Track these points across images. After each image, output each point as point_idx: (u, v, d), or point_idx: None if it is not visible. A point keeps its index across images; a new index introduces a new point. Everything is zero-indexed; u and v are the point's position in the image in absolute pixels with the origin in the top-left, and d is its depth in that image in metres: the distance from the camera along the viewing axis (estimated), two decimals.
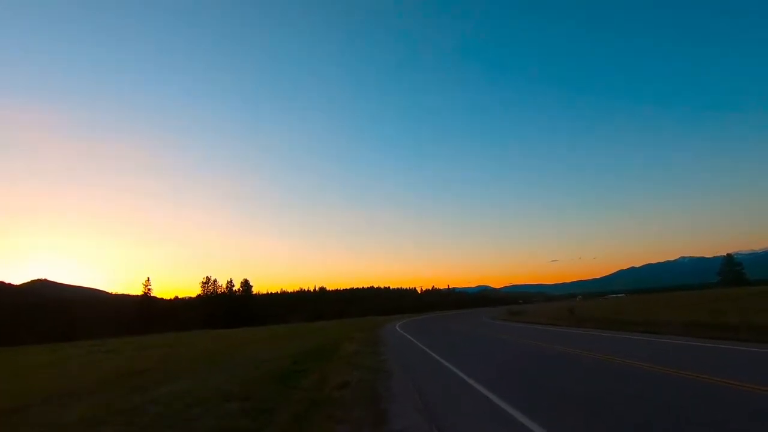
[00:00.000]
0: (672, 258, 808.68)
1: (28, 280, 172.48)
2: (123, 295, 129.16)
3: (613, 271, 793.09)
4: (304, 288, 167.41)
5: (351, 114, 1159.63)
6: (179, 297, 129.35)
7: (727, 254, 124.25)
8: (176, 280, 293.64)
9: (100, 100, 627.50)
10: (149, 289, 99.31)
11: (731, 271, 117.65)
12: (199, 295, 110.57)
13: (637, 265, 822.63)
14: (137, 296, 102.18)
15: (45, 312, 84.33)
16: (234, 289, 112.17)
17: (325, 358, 14.00)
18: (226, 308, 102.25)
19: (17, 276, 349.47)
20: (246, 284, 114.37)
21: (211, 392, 8.61)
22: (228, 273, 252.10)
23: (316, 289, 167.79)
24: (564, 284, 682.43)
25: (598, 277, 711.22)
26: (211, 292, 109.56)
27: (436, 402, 6.92)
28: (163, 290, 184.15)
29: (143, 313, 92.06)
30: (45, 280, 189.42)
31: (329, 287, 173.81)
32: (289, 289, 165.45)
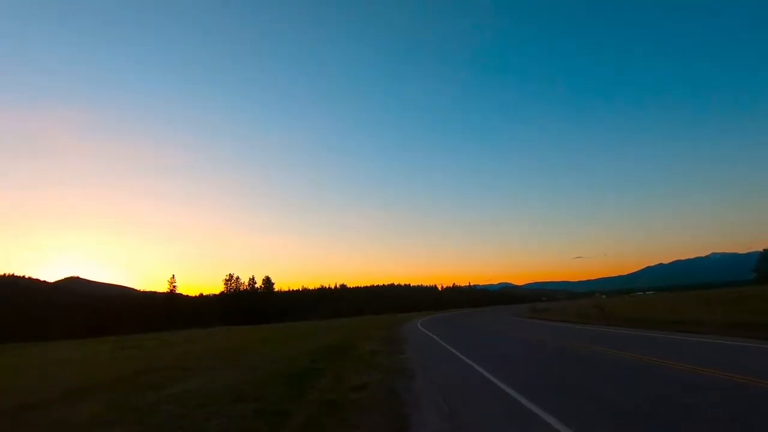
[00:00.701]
0: (702, 254, 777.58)
1: (61, 278, 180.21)
2: (150, 292, 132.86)
3: (640, 268, 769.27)
4: (324, 285, 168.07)
5: (371, 112, 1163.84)
6: (203, 294, 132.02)
7: (764, 249, 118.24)
8: (201, 278, 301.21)
9: (127, 101, 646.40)
10: (174, 287, 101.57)
11: None
12: (222, 292, 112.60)
13: (665, 262, 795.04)
14: (163, 293, 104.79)
15: (76, 309, 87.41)
16: (256, 286, 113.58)
17: (343, 357, 13.62)
18: (248, 305, 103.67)
19: (51, 273, 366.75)
20: (268, 281, 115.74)
21: (224, 392, 8.31)
22: (250, 270, 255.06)
23: (337, 286, 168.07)
24: (588, 281, 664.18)
25: (624, 273, 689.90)
26: (234, 289, 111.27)
27: (462, 408, 6.33)
28: (188, 287, 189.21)
29: (168, 309, 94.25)
30: (77, 277, 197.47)
31: (350, 285, 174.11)
32: (310, 287, 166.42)
